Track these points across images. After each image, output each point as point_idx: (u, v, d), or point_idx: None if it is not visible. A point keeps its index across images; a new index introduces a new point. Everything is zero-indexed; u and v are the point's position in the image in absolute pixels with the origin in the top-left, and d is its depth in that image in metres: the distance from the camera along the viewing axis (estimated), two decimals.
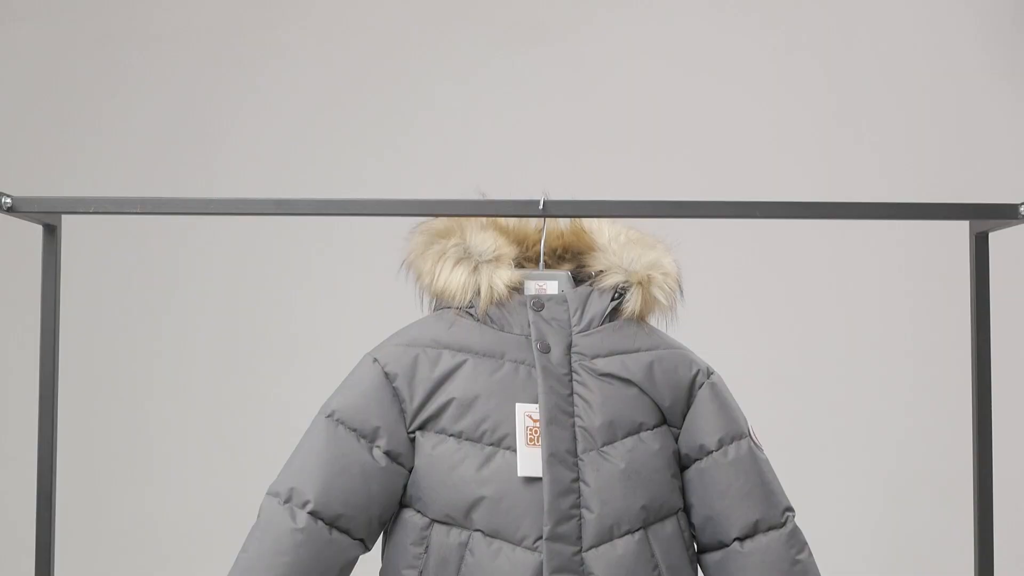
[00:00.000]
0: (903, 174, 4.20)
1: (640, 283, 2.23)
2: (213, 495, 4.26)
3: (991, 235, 2.39)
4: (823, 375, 4.20)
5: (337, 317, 4.25)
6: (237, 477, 4.09)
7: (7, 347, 4.35)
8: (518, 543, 2.09)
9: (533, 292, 2.25)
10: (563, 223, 2.32)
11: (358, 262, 4.21)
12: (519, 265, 2.28)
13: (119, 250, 4.33)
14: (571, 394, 2.15)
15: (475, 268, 2.21)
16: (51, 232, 2.37)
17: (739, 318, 4.19)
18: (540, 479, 2.10)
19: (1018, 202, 2.27)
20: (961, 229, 2.45)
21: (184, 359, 4.32)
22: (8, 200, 2.23)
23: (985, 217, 2.32)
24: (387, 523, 2.19)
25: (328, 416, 2.17)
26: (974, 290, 2.38)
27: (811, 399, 4.19)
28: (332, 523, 2.12)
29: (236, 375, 4.31)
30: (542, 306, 2.21)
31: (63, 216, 2.36)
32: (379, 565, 2.23)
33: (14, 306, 4.31)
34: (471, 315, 2.21)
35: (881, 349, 4.21)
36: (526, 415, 2.13)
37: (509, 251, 2.25)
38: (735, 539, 2.17)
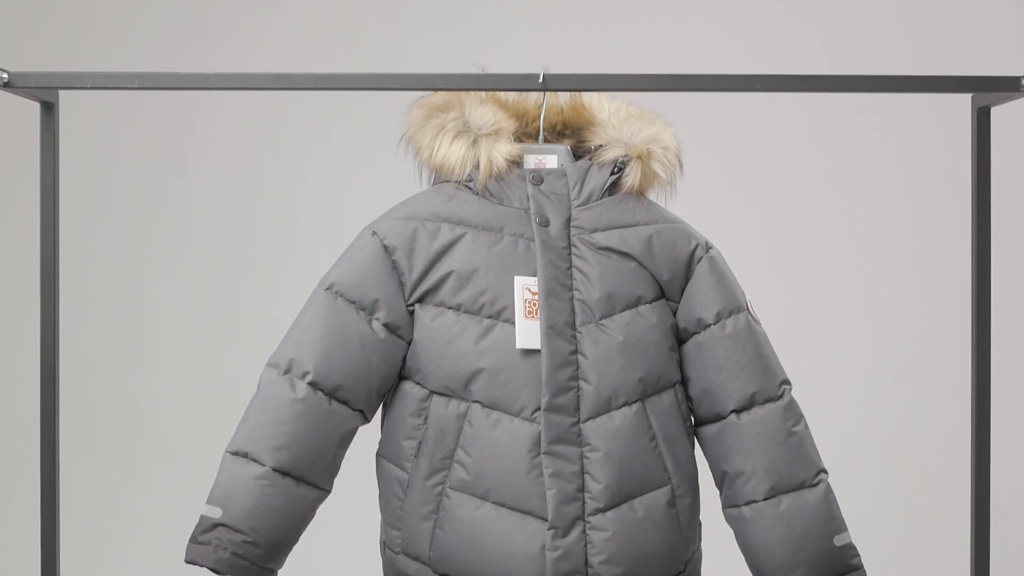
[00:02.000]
0: (904, 56, 4.16)
1: (640, 157, 2.22)
2: (213, 370, 4.28)
3: (993, 111, 2.38)
4: (819, 251, 4.20)
5: (336, 194, 4.25)
6: (237, 352, 4.11)
7: (6, 228, 4.35)
8: (516, 414, 2.11)
9: (532, 166, 2.24)
10: (563, 98, 2.31)
11: (358, 139, 4.20)
12: (518, 140, 2.27)
13: (119, 131, 4.32)
14: (570, 267, 2.16)
15: (474, 142, 2.20)
16: (48, 110, 2.35)
17: (738, 194, 4.18)
18: (538, 351, 2.11)
19: (1020, 75, 2.25)
20: (962, 108, 2.44)
21: (185, 237, 4.32)
22: (4, 75, 2.21)
23: (986, 90, 2.31)
24: (386, 395, 2.21)
25: (327, 288, 2.18)
26: (975, 167, 2.37)
27: (806, 274, 4.19)
28: (331, 394, 2.14)
29: (236, 250, 4.31)
30: (541, 180, 2.20)
31: (60, 93, 2.35)
32: (378, 437, 2.25)
33: (13, 187, 4.30)
34: (470, 189, 2.21)
35: (879, 228, 4.20)
36: (524, 288, 2.14)
37: (508, 125, 2.24)
38: (732, 412, 2.19)
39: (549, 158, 2.25)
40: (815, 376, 3.44)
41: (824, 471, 2.21)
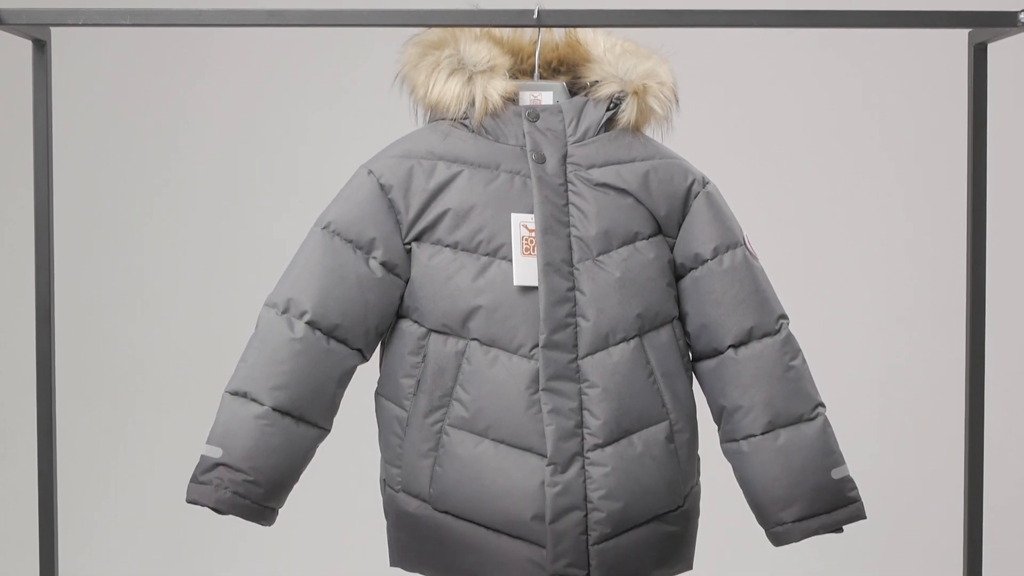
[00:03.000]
0: None
1: (636, 93, 2.21)
2: (211, 311, 4.28)
3: (990, 49, 2.37)
4: (816, 190, 4.19)
5: (332, 133, 4.23)
6: (235, 293, 4.12)
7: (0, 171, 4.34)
8: (514, 351, 2.11)
9: (528, 103, 2.23)
10: (558, 35, 2.30)
11: (353, 78, 4.18)
12: (513, 77, 2.26)
13: (116, 72, 4.29)
14: (566, 204, 2.15)
15: (469, 79, 2.19)
16: (41, 48, 2.35)
17: (734, 130, 4.16)
18: (536, 288, 2.11)
19: (1017, 9, 2.24)
20: (959, 48, 2.43)
21: (182, 178, 4.31)
22: None
23: (983, 25, 2.30)
24: (384, 334, 2.21)
25: (324, 228, 2.17)
26: (971, 104, 2.37)
27: (803, 211, 4.18)
28: (330, 333, 2.14)
29: (234, 191, 4.30)
30: (537, 116, 2.20)
31: (53, 32, 2.34)
32: (377, 376, 2.25)
33: (6, 128, 4.28)
34: (466, 126, 2.20)
35: (877, 169, 4.19)
36: (522, 225, 2.13)
37: (504, 62, 2.23)
38: (729, 346, 2.20)
39: (545, 95, 2.24)
40: (812, 314, 3.44)
41: (822, 405, 2.22)
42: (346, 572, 4.14)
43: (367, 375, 2.29)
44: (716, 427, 2.26)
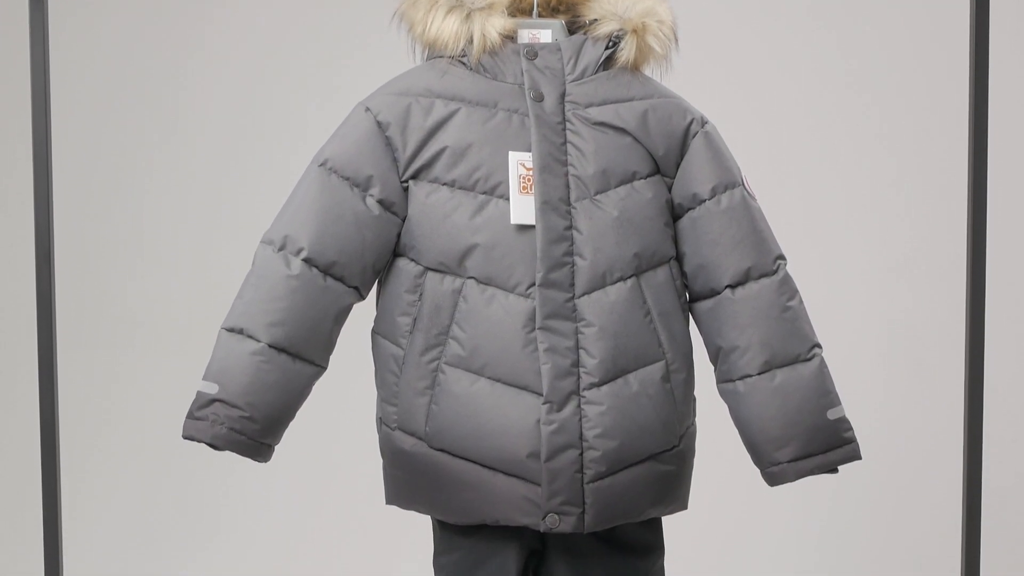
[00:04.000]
0: None
1: (635, 31, 2.20)
2: (209, 249, 4.28)
3: None
4: (816, 133, 4.17)
5: (330, 70, 4.21)
6: (233, 233, 4.11)
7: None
8: (511, 290, 2.11)
9: (526, 41, 2.22)
10: None
11: (350, 16, 4.15)
12: (512, 15, 2.24)
13: (117, 16, 4.27)
14: (564, 143, 2.15)
15: (467, 16, 2.17)
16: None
17: (734, 69, 4.14)
18: (533, 227, 2.11)
19: None
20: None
21: (184, 121, 4.30)
22: None
23: None
24: (381, 272, 2.21)
25: (321, 165, 2.17)
26: (973, 39, 2.36)
27: (801, 150, 4.17)
28: (326, 270, 2.14)
29: (233, 128, 4.29)
30: (535, 54, 2.18)
31: None
32: (374, 313, 2.25)
33: (5, 76, 4.26)
34: (464, 64, 2.19)
35: (878, 113, 4.17)
36: (519, 163, 2.13)
37: None
38: (726, 287, 2.19)
39: (543, 33, 2.23)
40: (810, 261, 3.44)
41: (818, 345, 2.22)
42: (342, 510, 4.17)
43: (364, 313, 2.29)
44: (712, 368, 2.26)
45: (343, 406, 3.62)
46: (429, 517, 2.26)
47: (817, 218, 4.13)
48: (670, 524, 2.31)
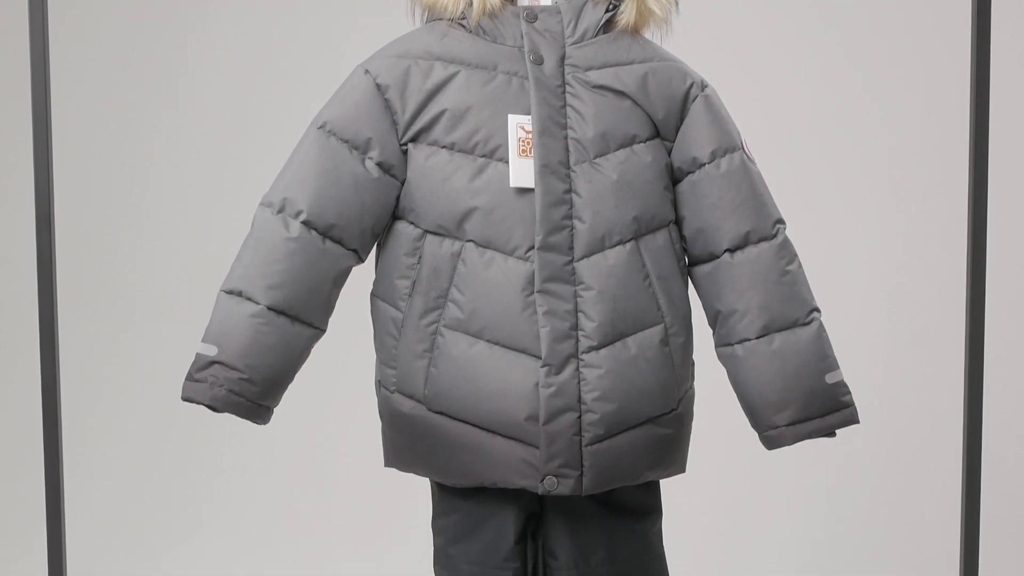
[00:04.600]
0: None
1: None
2: (210, 214, 4.28)
3: None
4: (815, 87, 4.16)
5: (329, 33, 4.20)
6: (233, 196, 4.11)
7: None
8: (510, 253, 2.11)
9: (526, 3, 2.21)
10: None
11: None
12: None
13: None
14: (564, 106, 2.14)
15: None
16: None
17: (735, 33, 4.13)
18: (532, 190, 2.11)
19: None
20: None
21: (184, 88, 4.29)
22: None
23: None
24: (380, 235, 2.21)
25: (320, 127, 2.16)
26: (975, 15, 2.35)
27: (801, 111, 4.16)
28: (325, 233, 2.14)
29: (235, 95, 4.29)
30: (535, 17, 2.18)
31: None
32: (373, 277, 2.25)
33: (3, 40, 4.25)
34: (463, 27, 2.18)
35: (880, 73, 4.16)
36: (518, 126, 2.12)
37: None
38: (726, 250, 2.19)
39: None
40: (809, 227, 3.44)
41: (817, 310, 2.22)
42: (340, 473, 4.18)
43: (363, 276, 2.29)
44: (711, 332, 2.26)
45: (342, 369, 3.62)
46: (428, 479, 2.27)
47: (816, 187, 4.13)
48: (668, 487, 2.32)
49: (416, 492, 2.73)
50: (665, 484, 2.29)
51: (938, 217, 4.06)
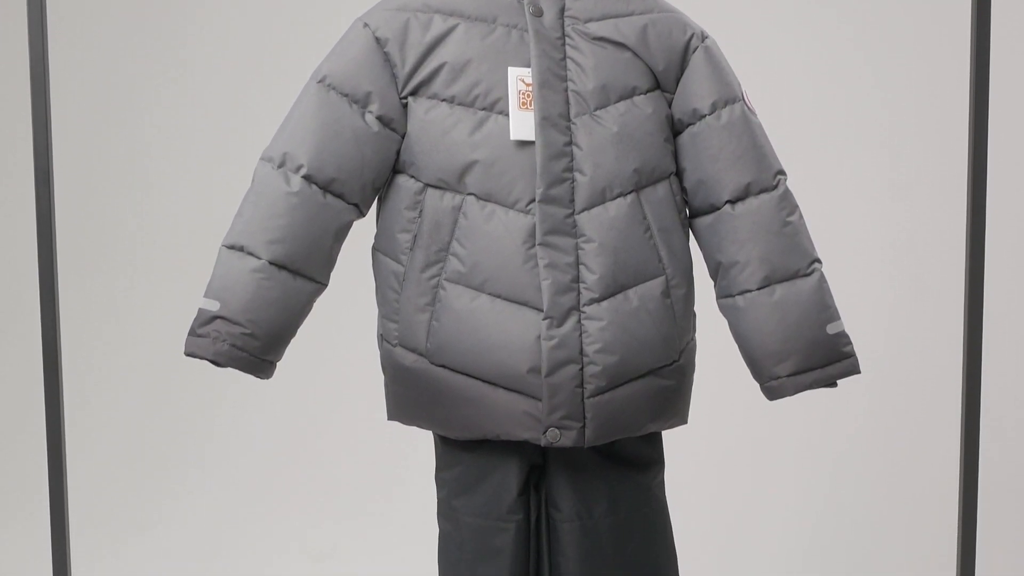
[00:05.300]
0: None
1: None
2: (210, 170, 4.28)
3: None
4: (817, 39, 4.14)
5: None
6: (233, 151, 4.11)
7: None
8: (511, 206, 2.11)
9: None
10: None
11: None
12: None
13: None
14: (564, 58, 2.14)
15: None
16: None
17: None
18: (533, 143, 2.10)
19: None
20: None
21: (184, 42, 4.28)
22: None
23: None
24: (381, 189, 2.21)
25: (319, 81, 2.16)
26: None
27: (802, 63, 4.14)
28: (326, 187, 2.14)
29: (235, 50, 4.27)
30: None
31: None
32: (374, 231, 2.25)
33: None
34: None
35: (883, 31, 4.14)
36: (518, 79, 2.12)
37: None
38: (726, 202, 2.19)
39: None
40: (810, 177, 3.43)
41: (818, 260, 2.22)
42: (343, 426, 4.19)
43: (365, 230, 2.29)
44: (712, 283, 2.27)
45: (343, 323, 3.63)
46: (431, 433, 2.28)
47: (816, 139, 4.12)
48: (670, 438, 2.33)
49: (419, 445, 2.74)
50: (667, 435, 2.30)
51: (939, 171, 4.05)
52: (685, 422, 2.28)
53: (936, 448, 3.91)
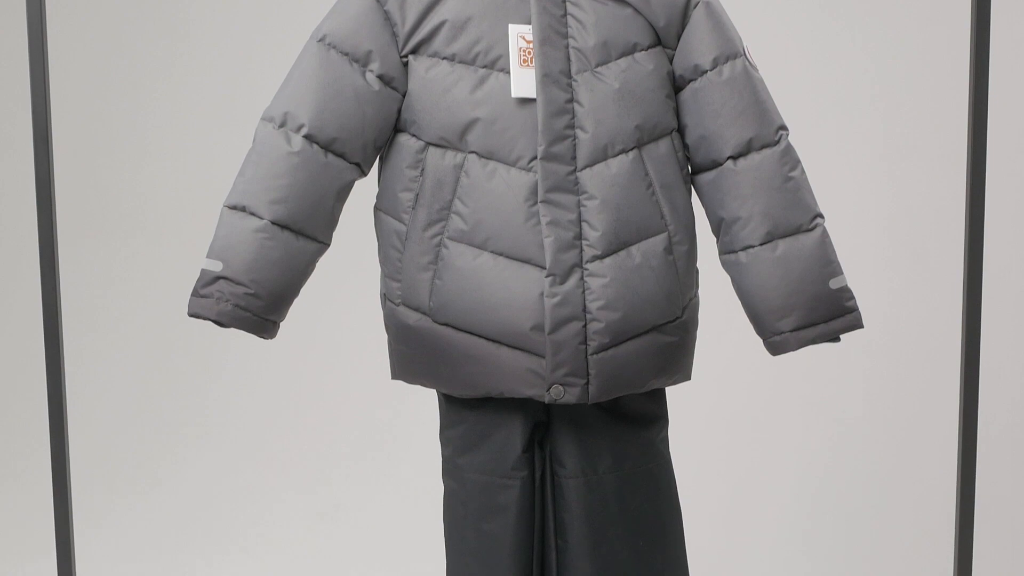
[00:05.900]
0: None
1: None
2: (210, 131, 4.27)
3: None
4: (811, 23, 4.13)
5: None
6: (233, 115, 4.10)
7: None
8: (512, 164, 2.10)
9: None
10: None
11: None
12: None
13: None
14: (564, 15, 2.13)
15: None
16: None
17: None
18: (534, 100, 2.10)
19: None
20: None
21: (185, 7, 4.26)
22: None
23: None
24: (382, 148, 2.20)
25: (319, 41, 2.15)
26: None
27: (805, 25, 4.13)
28: (327, 147, 2.13)
29: (235, 14, 4.26)
30: None
31: None
32: (376, 190, 2.25)
33: None
34: None
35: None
36: (519, 36, 2.11)
37: None
38: (728, 158, 2.19)
39: None
40: (810, 138, 3.42)
41: (820, 215, 2.22)
42: (347, 386, 4.20)
43: (367, 190, 2.29)
44: (715, 239, 2.27)
45: (346, 283, 3.63)
46: (435, 391, 2.29)
47: (816, 103, 4.10)
48: (673, 395, 2.34)
49: (423, 403, 2.75)
50: (670, 391, 2.31)
51: (938, 135, 4.04)
52: (688, 378, 2.29)
53: (935, 416, 3.92)
